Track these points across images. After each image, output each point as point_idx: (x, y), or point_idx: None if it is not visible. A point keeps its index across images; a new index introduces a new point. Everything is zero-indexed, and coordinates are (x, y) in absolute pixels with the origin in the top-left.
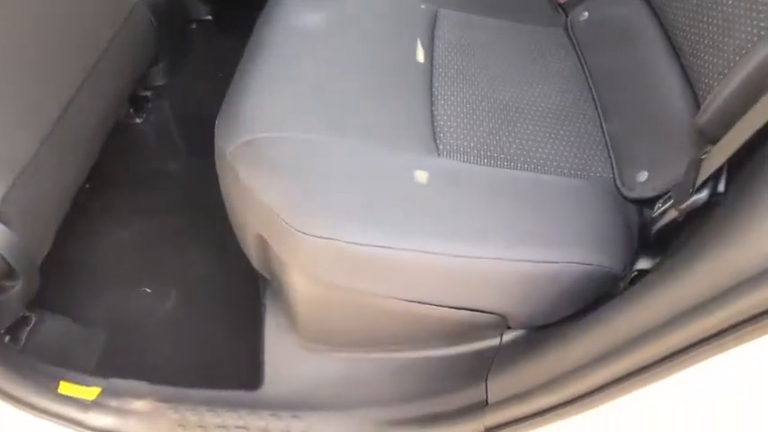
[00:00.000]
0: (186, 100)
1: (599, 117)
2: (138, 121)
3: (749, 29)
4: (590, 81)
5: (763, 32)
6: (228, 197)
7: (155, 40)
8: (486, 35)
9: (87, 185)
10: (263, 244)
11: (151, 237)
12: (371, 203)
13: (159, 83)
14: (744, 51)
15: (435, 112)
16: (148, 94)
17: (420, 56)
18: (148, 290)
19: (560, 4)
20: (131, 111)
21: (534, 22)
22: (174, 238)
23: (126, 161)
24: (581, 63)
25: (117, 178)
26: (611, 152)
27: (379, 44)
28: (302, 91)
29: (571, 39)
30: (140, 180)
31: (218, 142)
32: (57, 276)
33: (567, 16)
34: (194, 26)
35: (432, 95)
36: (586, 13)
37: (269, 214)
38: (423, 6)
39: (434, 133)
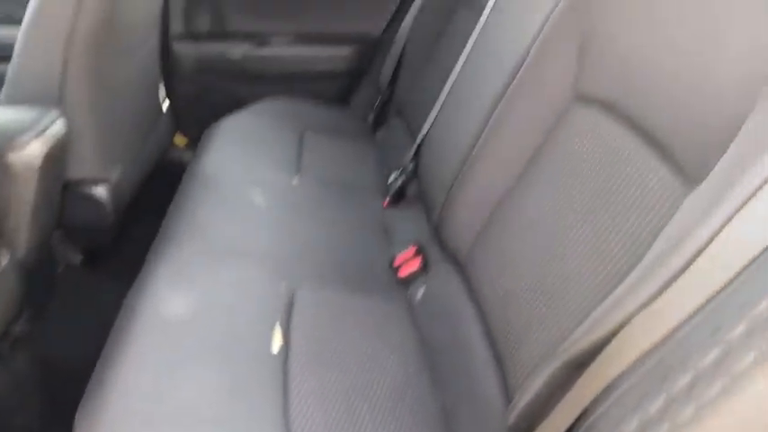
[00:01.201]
0: (49, 348)
1: (433, 391)
2: None
3: (538, 345)
4: (425, 355)
5: (548, 349)
6: None
7: (22, 296)
8: (338, 314)
9: None
10: None
11: None
12: None
13: (21, 329)
14: (538, 361)
15: (290, 400)
16: (8, 342)
17: (276, 342)
18: None
19: (401, 279)
20: None
21: (383, 295)
22: None
23: None
24: (419, 337)
25: None
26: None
27: (239, 331)
28: (159, 397)
29: (411, 312)
30: None
31: None
32: None
33: (408, 290)
34: (61, 269)
35: (287, 382)
36: (422, 290)
37: None
38: (282, 288)
39: (288, 423)
